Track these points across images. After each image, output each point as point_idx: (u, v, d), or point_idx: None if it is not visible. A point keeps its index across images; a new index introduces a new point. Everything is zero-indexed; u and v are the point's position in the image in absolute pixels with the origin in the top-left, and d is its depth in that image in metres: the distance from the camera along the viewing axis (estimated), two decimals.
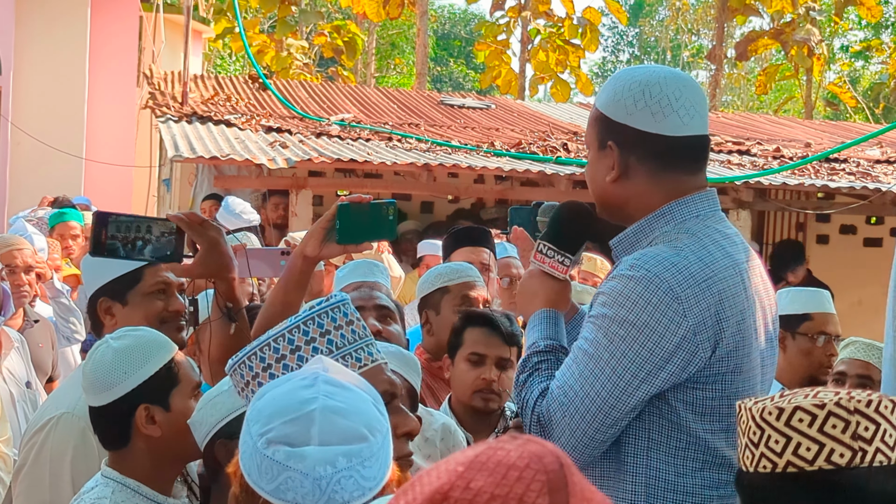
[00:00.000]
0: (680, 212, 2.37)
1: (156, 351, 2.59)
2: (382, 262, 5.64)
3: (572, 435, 2.28)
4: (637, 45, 50.10)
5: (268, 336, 2.01)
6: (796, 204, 10.58)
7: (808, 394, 1.59)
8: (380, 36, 35.32)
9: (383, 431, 1.64)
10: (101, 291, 3.12)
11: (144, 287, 3.10)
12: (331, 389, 1.64)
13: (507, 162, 9.71)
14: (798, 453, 1.55)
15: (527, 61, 24.15)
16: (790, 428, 1.56)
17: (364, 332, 2.09)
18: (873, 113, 28.66)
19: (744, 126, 15.03)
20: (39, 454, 2.91)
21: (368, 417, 1.63)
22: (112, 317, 3.10)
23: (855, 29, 37.76)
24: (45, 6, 13.31)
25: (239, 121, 10.90)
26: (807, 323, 3.98)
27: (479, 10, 45.05)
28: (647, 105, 2.35)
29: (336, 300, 2.07)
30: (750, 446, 1.59)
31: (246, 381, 2.01)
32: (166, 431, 2.54)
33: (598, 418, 2.27)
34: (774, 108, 31.23)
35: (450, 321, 3.91)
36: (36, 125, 12.77)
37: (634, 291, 2.24)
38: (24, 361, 4.90)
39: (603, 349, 2.26)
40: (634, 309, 2.24)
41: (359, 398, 1.65)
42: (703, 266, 2.27)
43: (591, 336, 2.29)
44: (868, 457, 1.54)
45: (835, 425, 1.54)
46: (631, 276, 2.26)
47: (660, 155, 2.37)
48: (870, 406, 1.55)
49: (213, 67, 29.31)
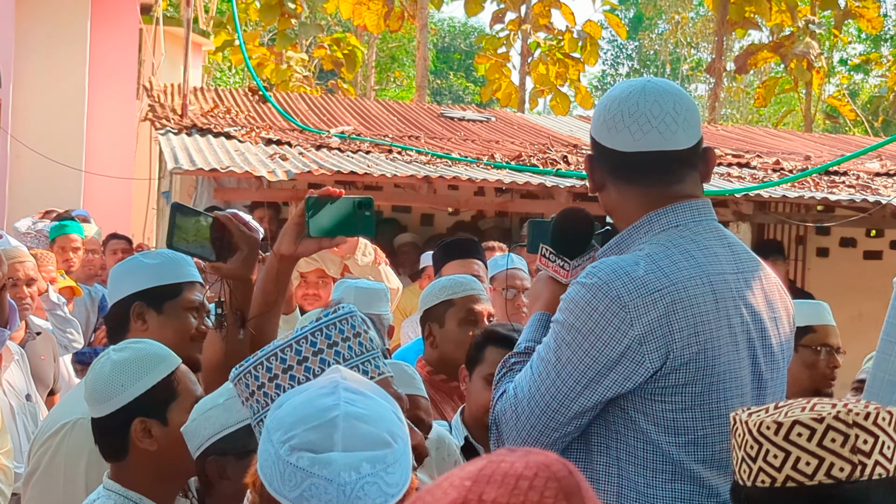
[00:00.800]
0: (658, 222, 2.39)
1: (155, 364, 2.58)
2: (379, 273, 5.63)
3: (518, 436, 2.32)
4: (636, 58, 50.16)
5: (274, 346, 2.00)
6: (796, 216, 10.57)
7: (805, 406, 1.58)
8: (380, 49, 35.37)
9: (405, 438, 1.64)
10: (139, 295, 3.13)
11: (184, 301, 3.14)
12: (352, 396, 1.63)
13: (508, 174, 9.71)
14: (797, 468, 1.54)
15: (527, 74, 24.18)
16: (789, 442, 1.55)
17: (371, 345, 2.08)
18: (872, 126, 28.67)
19: (743, 139, 15.04)
20: (53, 459, 2.91)
21: (390, 424, 1.63)
22: (144, 322, 3.11)
23: (854, 42, 37.84)
24: (46, 19, 13.32)
25: (239, 133, 10.90)
26: (810, 335, 3.98)
27: (479, 24, 45.12)
28: (604, 121, 2.43)
29: (344, 312, 2.06)
30: (747, 460, 1.58)
31: (251, 390, 1.99)
32: (163, 446, 2.53)
33: (541, 421, 2.30)
34: (774, 122, 31.26)
35: (454, 334, 3.91)
36: (35, 137, 12.77)
37: (584, 298, 2.27)
38: (23, 374, 4.90)
39: (552, 353, 2.30)
40: (581, 315, 2.27)
41: (379, 405, 1.65)
42: (660, 276, 2.27)
43: (547, 340, 2.34)
44: (868, 470, 1.53)
45: (834, 439, 1.53)
46: (584, 283, 2.29)
47: (617, 168, 2.42)
48: (868, 419, 1.54)
49: (213, 80, 29.34)
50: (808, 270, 11.46)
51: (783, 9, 22.58)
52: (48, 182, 12.71)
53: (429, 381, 3.79)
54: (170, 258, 3.18)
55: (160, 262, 3.18)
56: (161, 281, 3.13)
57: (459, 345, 3.91)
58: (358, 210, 2.56)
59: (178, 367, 2.62)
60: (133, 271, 3.19)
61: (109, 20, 14.24)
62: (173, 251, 3.05)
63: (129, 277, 3.19)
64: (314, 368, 1.98)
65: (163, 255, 3.21)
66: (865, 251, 11.83)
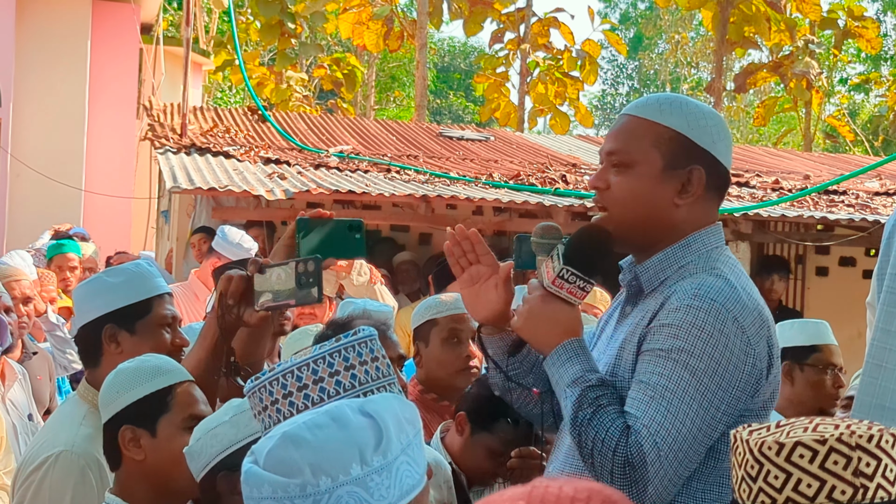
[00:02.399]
0: (703, 242, 2.40)
1: (151, 376, 2.58)
2: (374, 293, 5.61)
3: (665, 474, 2.21)
4: (636, 77, 50.27)
5: (292, 363, 2.00)
6: (795, 236, 10.56)
7: (808, 427, 1.55)
8: (380, 69, 35.45)
9: (338, 478, 1.59)
10: (109, 317, 3.04)
11: (155, 318, 3.05)
12: (315, 419, 1.64)
13: (506, 193, 9.69)
14: (799, 490, 1.52)
15: (526, 94, 24.21)
16: (790, 464, 1.52)
17: (388, 371, 2.07)
18: (872, 145, 28.71)
19: (743, 158, 15.03)
20: (38, 494, 2.85)
21: (322, 458, 1.59)
22: (118, 345, 3.03)
23: (854, 62, 37.91)
24: (46, 38, 13.35)
25: (238, 152, 10.90)
26: (815, 355, 3.97)
27: (478, 43, 45.18)
28: (724, 138, 2.43)
29: (364, 335, 2.06)
30: (747, 480, 1.56)
31: (264, 405, 1.99)
32: (151, 457, 2.54)
33: (689, 455, 2.23)
34: (774, 141, 31.29)
35: (437, 353, 3.90)
36: (36, 156, 12.78)
37: (707, 322, 2.23)
38: (26, 393, 4.89)
39: (686, 384, 2.23)
40: (710, 341, 2.23)
41: (333, 436, 1.62)
42: (751, 296, 2.31)
43: (668, 371, 2.24)
44: (870, 493, 1.50)
45: (836, 461, 1.51)
46: (699, 306, 2.25)
47: (720, 186, 2.44)
48: (871, 441, 1.51)
49: (214, 100, 29.39)
50: (808, 289, 11.43)
51: (782, 28, 22.62)
52: (48, 201, 12.72)
53: (420, 401, 3.78)
54: (135, 274, 3.07)
55: (125, 279, 3.06)
56: (130, 300, 3.02)
57: (442, 364, 3.90)
58: (349, 232, 2.58)
59: (180, 384, 2.61)
60: (99, 292, 3.07)
61: (110, 40, 14.28)
62: (136, 265, 3.03)
63: (96, 299, 3.08)
64: (329, 389, 1.98)
65: (127, 271, 3.10)
66: (865, 270, 11.80)
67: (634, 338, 2.36)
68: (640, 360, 2.31)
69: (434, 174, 10.52)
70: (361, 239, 2.58)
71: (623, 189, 2.40)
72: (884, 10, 41.43)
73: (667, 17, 38.58)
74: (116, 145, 14.30)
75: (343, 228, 2.57)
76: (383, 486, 1.60)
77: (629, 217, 2.39)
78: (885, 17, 41.12)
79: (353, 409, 1.66)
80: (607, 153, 2.45)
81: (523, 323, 2.42)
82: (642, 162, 2.39)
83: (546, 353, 2.41)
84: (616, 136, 2.45)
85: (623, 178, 2.40)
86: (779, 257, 10.41)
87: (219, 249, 6.68)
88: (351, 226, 2.58)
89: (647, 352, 2.30)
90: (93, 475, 2.81)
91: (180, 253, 9.81)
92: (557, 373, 2.36)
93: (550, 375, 2.40)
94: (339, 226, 2.57)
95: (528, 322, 2.42)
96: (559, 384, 2.36)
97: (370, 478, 1.59)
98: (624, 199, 2.40)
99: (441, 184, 10.04)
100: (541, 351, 2.45)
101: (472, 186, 9.97)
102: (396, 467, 1.62)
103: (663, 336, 2.27)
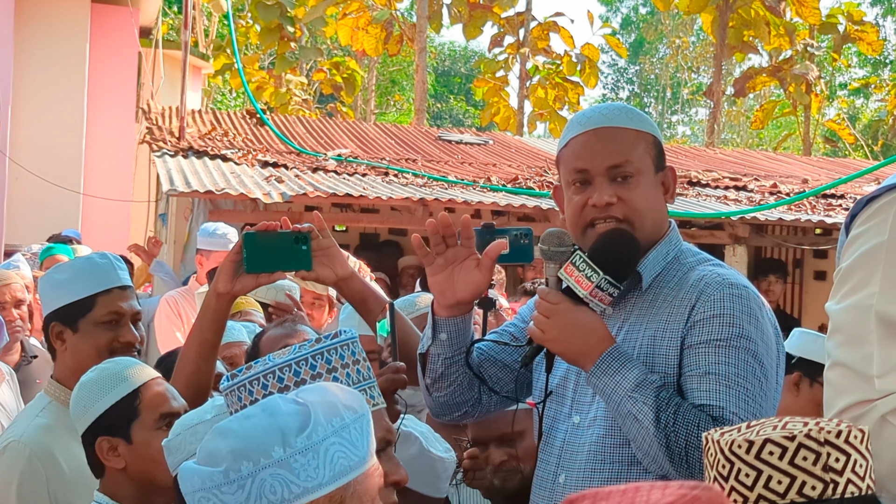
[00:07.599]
0: (674, 235, 2.55)
1: (113, 385, 2.57)
2: None
3: None
4: (637, 82, 50.30)
5: (274, 363, 2.00)
6: (793, 240, 10.57)
7: (777, 425, 1.57)
8: (380, 73, 35.45)
9: (258, 464, 1.60)
10: (54, 315, 3.02)
11: (96, 315, 3.00)
12: (248, 411, 1.67)
13: (504, 197, 9.71)
14: (769, 486, 1.53)
15: (525, 98, 24.22)
16: (760, 461, 1.53)
17: (369, 374, 2.08)
18: (872, 150, 28.70)
19: (741, 162, 15.03)
20: None
21: (244, 444, 1.61)
22: (63, 342, 3.02)
23: (854, 66, 37.92)
24: (44, 41, 13.36)
25: (235, 155, 10.91)
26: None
27: (478, 48, 45.16)
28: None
29: (346, 338, 2.06)
30: (719, 480, 1.57)
31: (243, 404, 1.99)
32: (131, 463, 2.55)
33: None
34: (774, 146, 31.29)
35: None
36: (34, 160, 12.77)
37: (750, 308, 2.37)
38: (14, 394, 4.89)
39: (754, 368, 2.34)
40: (757, 324, 2.36)
41: (261, 424, 1.64)
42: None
43: (734, 359, 2.33)
44: (840, 488, 1.51)
45: (805, 457, 1.52)
46: (738, 294, 2.37)
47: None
48: (840, 437, 1.52)
49: (214, 103, 29.40)
50: (806, 294, 11.44)
51: (782, 33, 22.63)
52: (46, 204, 12.71)
53: None
54: (80, 269, 3.02)
55: (69, 276, 3.02)
56: (72, 297, 2.99)
57: None
58: (295, 245, 2.57)
59: (145, 385, 2.60)
60: (47, 289, 3.05)
61: (108, 43, 14.28)
62: (87, 259, 3.00)
63: (45, 296, 3.07)
64: None
65: (73, 266, 3.05)
66: None
67: (668, 334, 2.39)
68: (695, 353, 2.35)
69: (432, 178, 10.53)
70: (308, 251, 2.58)
71: (639, 198, 2.47)
72: (883, 15, 41.46)
73: (668, 22, 38.61)
74: (115, 149, 14.29)
75: (289, 241, 2.57)
76: (310, 466, 1.61)
77: (647, 223, 2.47)
78: (885, 22, 41.16)
79: (286, 399, 1.68)
80: (610, 167, 2.47)
81: (558, 335, 2.37)
82: (643, 169, 2.48)
83: (584, 363, 2.37)
84: (613, 150, 2.47)
85: (633, 188, 2.47)
86: (775, 260, 10.41)
87: (202, 246, 6.66)
88: (297, 238, 2.58)
89: (702, 344, 2.35)
90: (42, 465, 2.81)
91: (178, 256, 9.82)
92: (613, 381, 2.32)
93: (600, 385, 2.35)
94: (286, 238, 2.57)
95: (563, 334, 2.36)
96: (616, 391, 2.32)
97: (294, 459, 1.60)
98: (641, 207, 2.47)
99: (439, 187, 10.05)
100: (576, 362, 2.40)
101: (471, 190, 9.98)
102: (325, 448, 1.62)
103: (717, 326, 2.35)
